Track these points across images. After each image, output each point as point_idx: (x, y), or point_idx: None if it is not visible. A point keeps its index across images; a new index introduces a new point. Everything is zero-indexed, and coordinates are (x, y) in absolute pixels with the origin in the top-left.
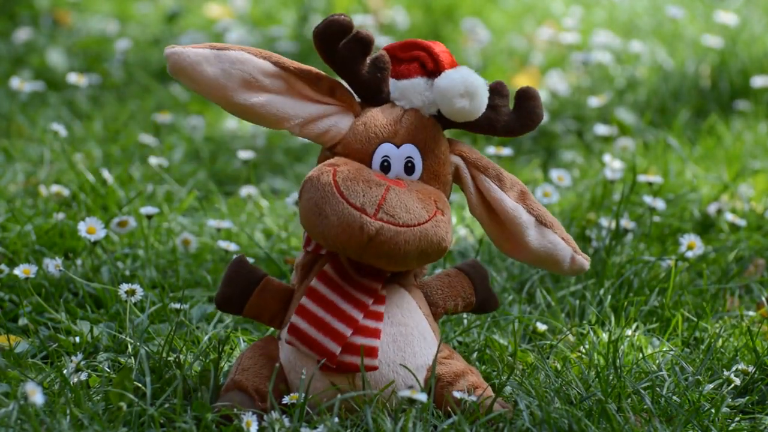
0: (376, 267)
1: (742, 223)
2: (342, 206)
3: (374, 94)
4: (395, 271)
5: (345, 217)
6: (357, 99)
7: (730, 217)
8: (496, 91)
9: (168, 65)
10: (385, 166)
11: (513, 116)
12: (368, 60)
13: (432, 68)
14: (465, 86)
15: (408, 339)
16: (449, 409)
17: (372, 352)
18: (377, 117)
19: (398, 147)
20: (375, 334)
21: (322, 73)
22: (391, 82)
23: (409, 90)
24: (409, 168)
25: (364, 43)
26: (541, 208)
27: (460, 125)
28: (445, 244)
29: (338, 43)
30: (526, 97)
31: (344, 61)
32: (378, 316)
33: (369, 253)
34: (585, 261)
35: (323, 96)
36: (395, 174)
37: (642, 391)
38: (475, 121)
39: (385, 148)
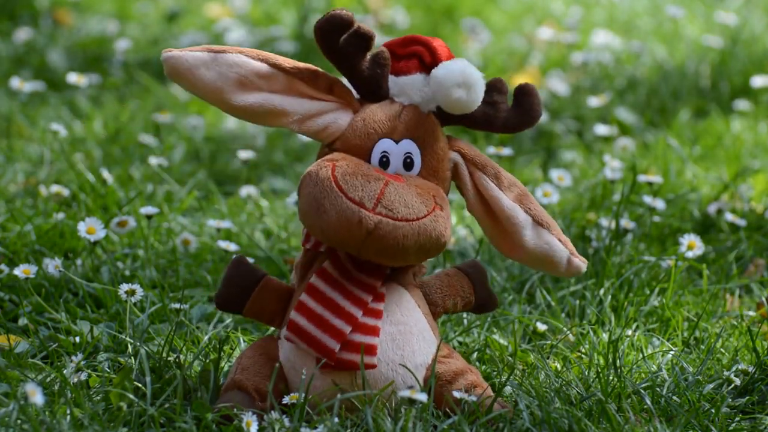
0: (375, 263)
1: (742, 223)
2: (341, 200)
3: (373, 91)
4: (394, 267)
5: (344, 211)
6: (356, 95)
7: (730, 217)
8: (495, 87)
9: (165, 69)
10: (384, 162)
11: (511, 113)
12: (368, 56)
13: (430, 62)
14: (462, 76)
15: (407, 338)
16: (448, 408)
17: (371, 349)
18: (376, 113)
19: (397, 143)
20: (374, 331)
21: (320, 70)
22: (390, 78)
23: (408, 86)
24: (408, 164)
25: (364, 39)
26: (539, 208)
27: (458, 121)
28: (443, 239)
29: (339, 38)
30: (525, 93)
31: (344, 56)
32: (377, 314)
33: (367, 248)
34: (582, 263)
35: (321, 93)
36: (394, 169)
37: (642, 391)
38: (473, 117)
39: (384, 144)
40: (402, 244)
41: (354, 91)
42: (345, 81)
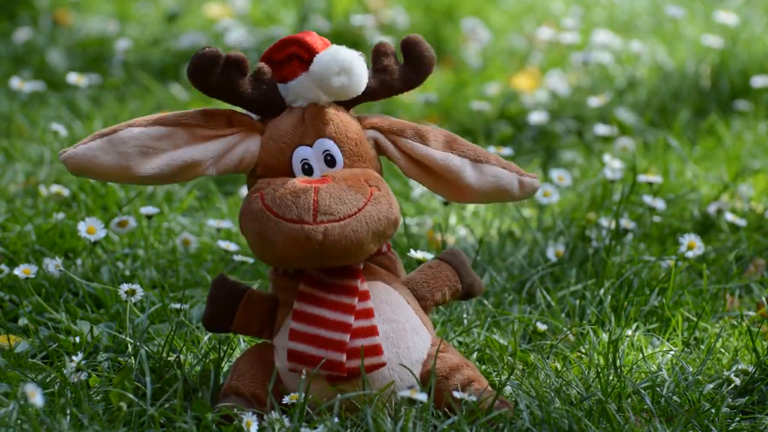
0: (342, 266)
1: (742, 223)
2: (280, 225)
3: (268, 107)
4: (361, 261)
5: (288, 234)
6: (256, 117)
7: (730, 217)
8: (380, 52)
9: (68, 169)
10: (307, 169)
11: (406, 68)
12: (248, 77)
13: (308, 58)
14: (338, 64)
15: (401, 335)
16: (447, 405)
17: (376, 349)
18: (280, 126)
19: (311, 146)
20: (372, 331)
21: (212, 108)
22: (280, 86)
23: (298, 88)
24: (329, 161)
25: (237, 64)
26: (472, 146)
27: (360, 99)
28: (393, 216)
29: (213, 75)
30: (411, 45)
31: (224, 89)
32: (368, 314)
33: (326, 258)
34: (533, 179)
35: (223, 129)
36: (319, 172)
37: (642, 391)
38: (371, 90)
39: (300, 152)
40: (356, 239)
41: (252, 115)
42: (240, 108)
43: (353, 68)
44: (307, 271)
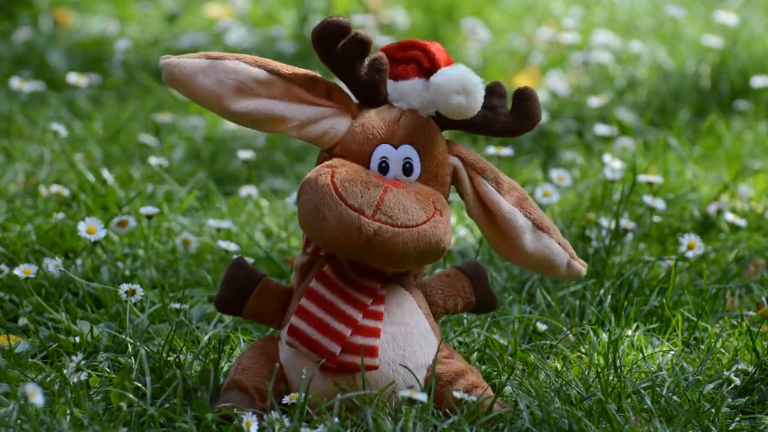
0: (375, 268)
1: (742, 223)
2: (340, 208)
3: (372, 96)
4: (394, 272)
5: (343, 218)
6: (354, 101)
7: (730, 217)
8: (494, 91)
9: (163, 76)
10: (384, 168)
11: (511, 116)
12: (366, 61)
13: (428, 67)
14: (461, 83)
15: (408, 338)
16: (449, 408)
17: (372, 351)
18: (375, 118)
19: (396, 148)
20: (375, 333)
21: (318, 75)
22: (389, 83)
23: (407, 91)
24: (407, 169)
25: (362, 45)
26: (539, 212)
27: (458, 125)
28: (443, 245)
29: (336, 45)
30: (524, 97)
31: (342, 62)
32: (378, 316)
33: (367, 254)
34: (581, 267)
35: (320, 98)
36: (393, 175)
37: (642, 391)
38: (472, 122)
39: (384, 149)
40: (402, 250)
41: (353, 97)
42: (344, 86)
43: (474, 91)
44: (336, 259)
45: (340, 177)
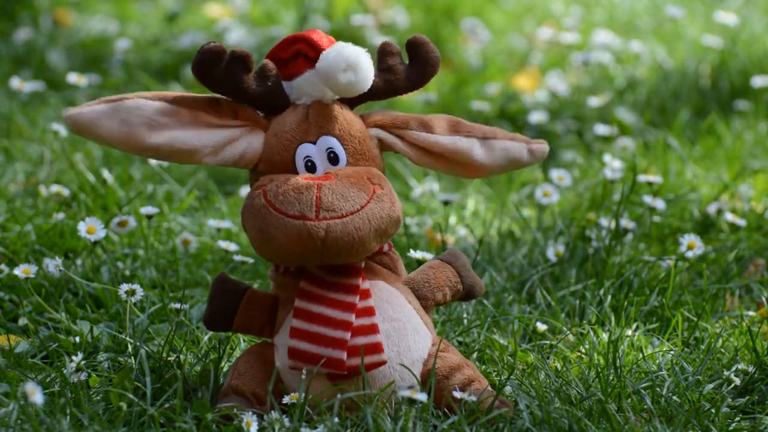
0: (344, 264)
1: (742, 223)
2: (283, 221)
3: (272, 104)
4: (363, 258)
5: (290, 230)
6: (261, 114)
7: (730, 217)
8: (385, 52)
9: (69, 128)
10: (311, 166)
11: (411, 69)
12: (253, 73)
13: (314, 56)
14: (345, 60)
15: (401, 334)
16: (447, 404)
17: (377, 348)
18: (284, 123)
19: (315, 143)
20: (373, 330)
21: (221, 97)
22: (285, 84)
23: (303, 85)
24: (332, 158)
25: (241, 60)
26: (477, 126)
27: (364, 98)
28: (395, 214)
29: (217, 69)
30: (416, 45)
31: (229, 83)
32: (369, 312)
33: (327, 255)
34: (542, 144)
35: (228, 120)
36: (322, 169)
37: (642, 391)
38: (376, 89)
39: (304, 149)
40: (357, 236)
41: (258, 112)
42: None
43: (360, 65)
44: (308, 269)
45: (271, 192)
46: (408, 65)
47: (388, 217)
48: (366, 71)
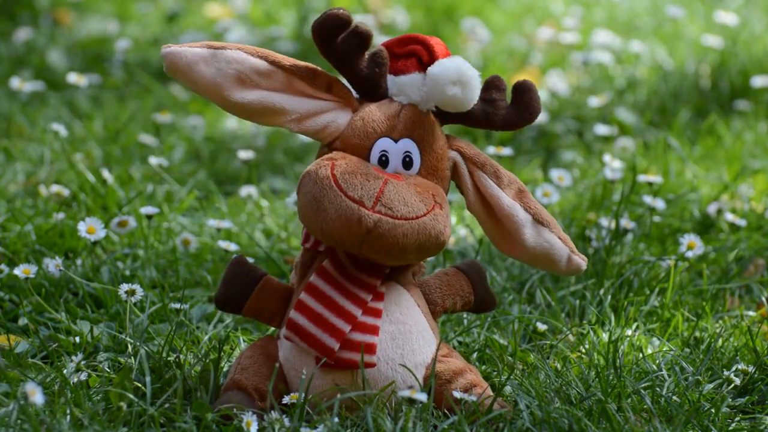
0: (375, 262)
1: (742, 223)
2: (340, 199)
3: (372, 90)
4: (394, 266)
5: (343, 209)
6: (355, 95)
7: (730, 217)
8: (493, 85)
9: (165, 64)
10: (384, 161)
11: (511, 110)
12: (366, 55)
13: (428, 61)
14: (457, 74)
15: (407, 337)
16: (447, 407)
17: (370, 348)
18: (375, 112)
19: (396, 141)
20: (373, 330)
21: (319, 68)
22: (389, 78)
23: (407, 85)
24: (407, 162)
25: (362, 38)
26: (539, 206)
27: (457, 119)
28: (443, 237)
29: (336, 38)
30: (524, 90)
31: (342, 55)
32: (377, 313)
33: (367, 246)
34: (582, 261)
35: (320, 92)
36: (393, 168)
37: (642, 391)
38: (472, 115)
39: (383, 143)
40: (401, 242)
41: (353, 91)
42: (344, 80)
43: (470, 83)
44: (336, 253)
45: (340, 169)
46: (509, 105)
47: (435, 237)
48: (473, 92)
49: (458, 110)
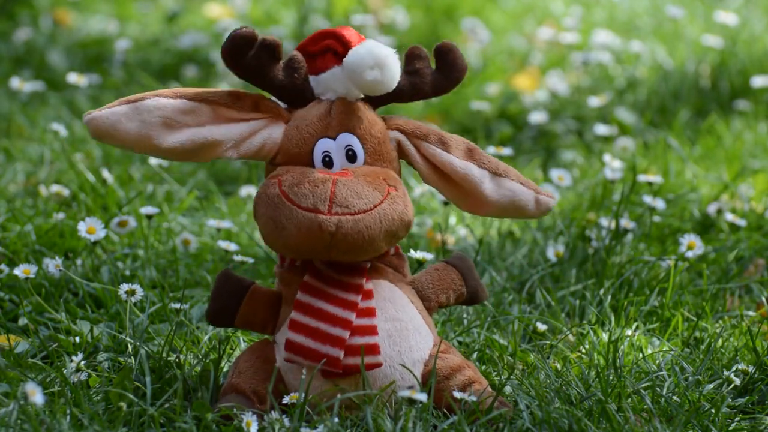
0: (350, 262)
1: (742, 223)
2: (295, 212)
3: (298, 96)
4: (370, 259)
5: (301, 222)
6: (283, 106)
7: (730, 217)
8: (414, 55)
9: (89, 132)
10: (328, 161)
11: (437, 75)
12: (281, 64)
13: (343, 52)
14: (372, 58)
15: (403, 334)
16: (447, 405)
17: (374, 349)
18: (306, 116)
19: (334, 139)
20: (372, 331)
21: (241, 90)
22: (311, 78)
23: (330, 81)
24: (350, 156)
25: (271, 49)
26: (493, 159)
27: (389, 99)
28: (407, 218)
29: (246, 56)
30: (445, 51)
31: (257, 70)
32: (370, 312)
33: (336, 250)
34: (550, 199)
35: (248, 113)
36: (339, 166)
37: (642, 391)
38: (401, 91)
39: (323, 144)
40: (367, 235)
41: (280, 103)
42: (270, 95)
43: (387, 64)
44: (313, 264)
45: (287, 183)
46: (435, 70)
47: (399, 220)
48: (393, 71)
49: (383, 92)
